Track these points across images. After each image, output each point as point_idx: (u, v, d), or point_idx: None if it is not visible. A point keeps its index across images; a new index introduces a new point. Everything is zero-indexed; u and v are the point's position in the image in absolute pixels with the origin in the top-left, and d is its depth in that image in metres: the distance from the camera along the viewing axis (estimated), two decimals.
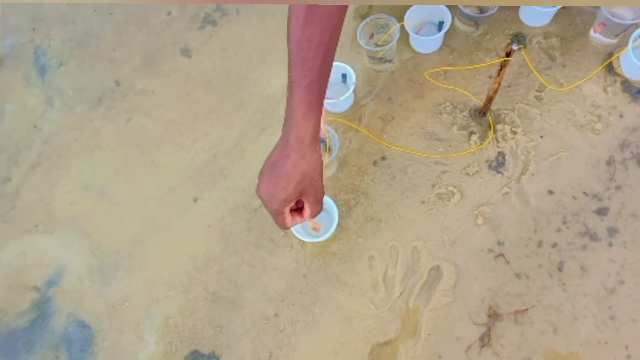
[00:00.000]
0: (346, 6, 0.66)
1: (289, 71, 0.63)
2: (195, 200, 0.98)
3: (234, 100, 1.04)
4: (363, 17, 1.05)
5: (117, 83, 1.10)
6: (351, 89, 0.93)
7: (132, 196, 1.00)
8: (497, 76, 0.80)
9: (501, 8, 0.99)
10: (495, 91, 0.85)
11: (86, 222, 0.99)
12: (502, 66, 0.78)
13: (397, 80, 1.00)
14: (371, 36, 0.98)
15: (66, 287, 0.95)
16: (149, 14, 1.16)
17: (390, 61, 0.99)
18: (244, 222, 0.95)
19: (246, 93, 1.04)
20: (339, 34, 0.66)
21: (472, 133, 0.93)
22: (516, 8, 0.99)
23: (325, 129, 0.89)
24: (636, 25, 0.89)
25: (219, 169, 0.99)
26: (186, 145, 1.03)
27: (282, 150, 0.65)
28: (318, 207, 0.70)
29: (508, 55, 0.75)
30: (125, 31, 1.15)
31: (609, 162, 0.89)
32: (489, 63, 0.94)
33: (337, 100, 0.93)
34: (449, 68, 0.98)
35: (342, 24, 0.66)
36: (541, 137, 0.91)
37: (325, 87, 0.66)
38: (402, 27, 0.96)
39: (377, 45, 0.98)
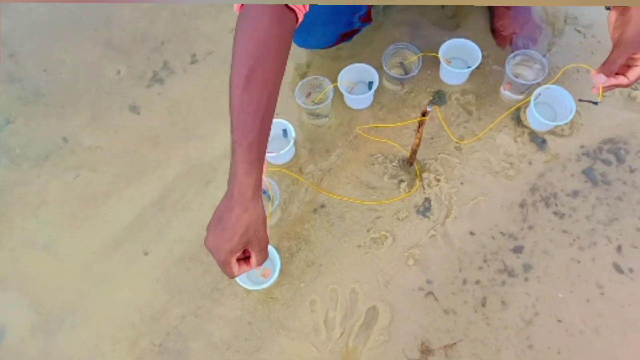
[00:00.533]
0: (282, 73, 0.74)
1: (231, 132, 0.71)
2: (141, 252, 1.00)
3: (181, 154, 1.10)
4: (302, 76, 1.14)
5: (65, 140, 1.13)
6: (291, 143, 1.01)
7: (77, 251, 1.02)
8: (417, 132, 0.90)
9: (423, 69, 1.11)
10: (417, 145, 0.94)
11: (29, 279, 0.99)
12: (420, 124, 0.88)
13: (334, 134, 1.09)
14: (308, 95, 1.07)
15: (7, 346, 0.94)
16: (98, 72, 1.21)
17: (326, 116, 1.08)
18: (190, 272, 0.98)
19: (192, 147, 1.10)
20: (276, 98, 0.74)
21: (401, 181, 1.02)
22: (437, 69, 1.11)
23: (267, 182, 0.95)
24: (538, 84, 1.02)
25: (166, 220, 1.03)
26: (133, 198, 1.06)
27: (227, 204, 0.72)
28: (263, 255, 0.76)
29: (423, 115, 0.85)
30: (74, 89, 1.19)
31: (521, 205, 0.99)
32: (409, 121, 1.05)
33: (279, 153, 1.00)
34: (376, 125, 1.08)
35: (278, 89, 0.74)
36: (462, 183, 1.02)
37: (265, 146, 0.73)
38: (336, 87, 1.05)
39: (314, 103, 1.07)
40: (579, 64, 1.05)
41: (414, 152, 0.98)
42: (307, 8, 0.75)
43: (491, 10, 1.17)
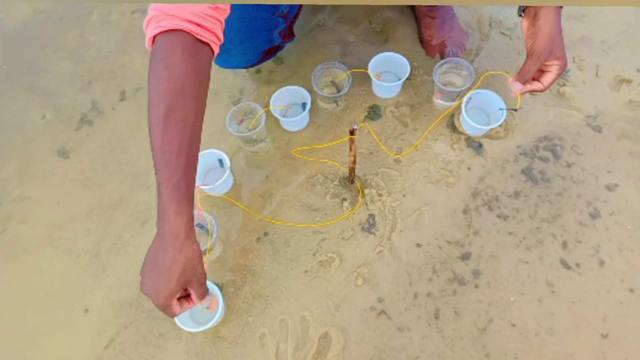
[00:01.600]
0: (202, 108, 0.72)
1: (156, 173, 0.68)
2: (78, 304, 0.95)
3: (114, 196, 1.05)
4: (235, 103, 1.12)
5: None
6: (227, 173, 0.98)
7: (9, 308, 0.95)
8: (350, 151, 0.89)
9: (356, 85, 1.11)
10: (353, 163, 0.93)
11: None
12: (351, 143, 0.86)
13: (273, 159, 1.07)
14: (241, 122, 1.04)
15: None
16: (23, 119, 1.16)
17: (263, 141, 1.06)
18: (130, 319, 0.93)
19: (126, 187, 1.06)
20: (199, 133, 0.71)
21: (343, 200, 1.01)
22: (370, 84, 1.11)
23: (204, 216, 0.92)
24: (468, 90, 1.03)
25: (102, 267, 0.98)
26: (67, 248, 1.00)
27: (160, 246, 0.69)
28: (204, 290, 0.74)
29: (351, 133, 0.84)
30: None
31: (465, 211, 0.99)
32: (339, 141, 1.03)
33: (214, 185, 0.97)
34: (310, 147, 1.06)
35: (200, 124, 0.71)
36: (404, 195, 1.00)
37: (193, 182, 0.71)
38: (269, 111, 1.03)
39: (249, 129, 1.04)
40: (497, 71, 1.06)
41: (351, 170, 0.96)
42: (222, 39, 0.74)
43: (418, 21, 1.19)
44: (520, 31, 1.16)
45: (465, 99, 1.01)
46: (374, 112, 1.09)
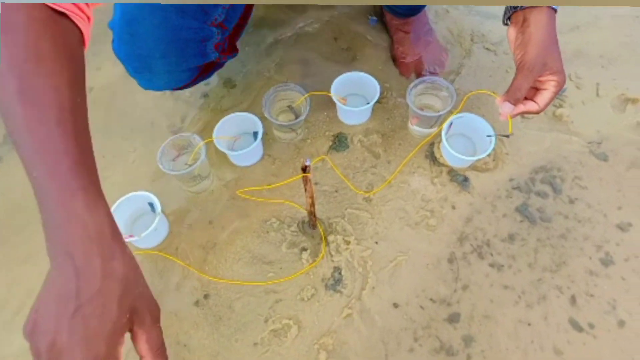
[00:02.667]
0: (79, 86, 0.50)
1: (31, 168, 0.45)
2: None
3: (22, 250, 0.86)
4: (176, 133, 0.94)
5: None
6: (157, 219, 0.79)
7: None
8: (306, 192, 0.72)
9: (319, 110, 0.95)
10: (311, 205, 0.75)
11: None
12: (305, 182, 0.69)
13: (218, 200, 0.88)
14: (177, 157, 0.87)
15: None
16: None
17: (206, 178, 0.88)
18: None
19: (38, 239, 0.86)
20: (85, 117, 0.50)
21: (303, 249, 0.82)
22: (334, 109, 0.95)
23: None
24: (449, 114, 0.87)
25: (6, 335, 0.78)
26: None
27: (68, 265, 0.43)
28: (158, 329, 0.49)
29: (304, 170, 0.66)
30: None
31: (450, 260, 0.81)
32: (294, 178, 0.86)
33: (140, 237, 0.78)
34: (259, 188, 0.88)
35: (84, 108, 0.50)
36: (376, 242, 0.83)
37: (95, 169, 0.48)
38: (212, 143, 0.86)
39: (188, 165, 0.87)
40: (482, 90, 0.90)
41: (310, 213, 0.78)
42: (89, 15, 0.53)
43: (390, 36, 1.04)
44: (507, 46, 1.01)
45: (445, 125, 0.84)
46: (339, 142, 0.92)
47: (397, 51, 1.01)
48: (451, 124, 0.84)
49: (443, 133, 0.84)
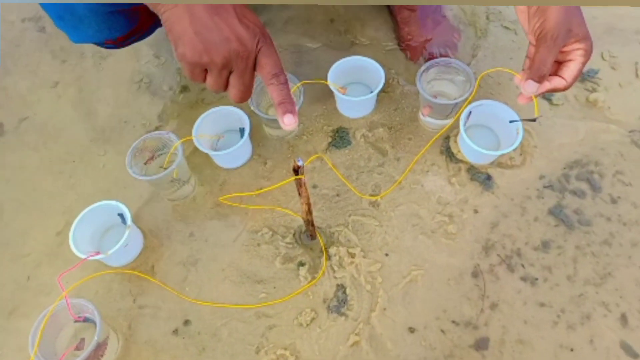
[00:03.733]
0: None
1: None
2: None
3: None
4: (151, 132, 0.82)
5: None
6: (126, 234, 0.67)
7: None
8: (300, 197, 0.59)
9: (316, 102, 0.82)
10: (308, 212, 0.63)
11: None
12: (298, 185, 0.57)
13: (200, 209, 0.76)
14: (150, 159, 0.74)
15: None
16: None
17: (187, 183, 0.76)
18: None
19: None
20: None
21: (300, 264, 0.70)
22: (332, 101, 0.82)
23: (82, 305, 0.61)
24: (467, 101, 0.75)
25: None
26: None
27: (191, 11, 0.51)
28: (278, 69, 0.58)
29: (296, 172, 0.54)
30: None
31: (475, 274, 0.69)
32: (281, 183, 0.72)
33: (107, 254, 0.66)
34: (242, 194, 0.76)
35: None
36: (386, 254, 0.70)
37: None
38: (192, 142, 0.74)
39: (163, 168, 0.74)
40: (499, 68, 0.78)
41: (308, 222, 0.66)
42: None
43: (394, 16, 0.91)
44: None
45: (463, 113, 0.72)
46: (340, 138, 0.80)
47: (402, 32, 0.88)
48: (470, 113, 0.72)
49: (461, 124, 0.71)
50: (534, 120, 0.66)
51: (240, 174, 0.79)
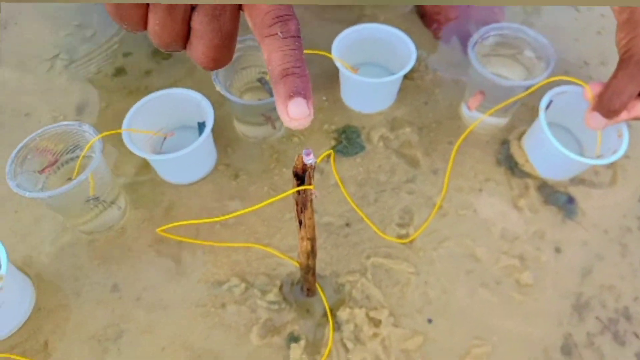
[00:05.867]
0: None
1: None
2: None
3: None
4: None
5: None
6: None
7: None
8: (300, 228, 0.34)
9: (314, 90, 0.58)
10: (309, 256, 0.37)
11: None
12: (300, 204, 0.31)
13: (132, 246, 0.49)
14: (49, 167, 0.47)
15: None
16: None
17: (113, 204, 0.49)
18: None
19: None
20: None
21: (292, 339, 0.44)
22: (336, 87, 0.58)
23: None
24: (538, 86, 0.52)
25: None
26: None
27: None
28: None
29: (300, 179, 0.29)
30: None
31: (567, 350, 0.44)
32: (264, 203, 0.46)
33: None
34: (188, 222, 0.50)
35: None
36: (429, 321, 0.45)
37: None
38: (120, 141, 0.47)
39: (69, 180, 0.47)
40: (562, 76, 0.55)
41: (307, 270, 0.40)
42: None
43: None
44: None
45: (542, 102, 0.49)
46: (348, 141, 0.55)
47: (426, 6, 0.66)
48: (551, 102, 0.49)
49: (541, 117, 0.47)
50: None
51: (196, 193, 0.52)
